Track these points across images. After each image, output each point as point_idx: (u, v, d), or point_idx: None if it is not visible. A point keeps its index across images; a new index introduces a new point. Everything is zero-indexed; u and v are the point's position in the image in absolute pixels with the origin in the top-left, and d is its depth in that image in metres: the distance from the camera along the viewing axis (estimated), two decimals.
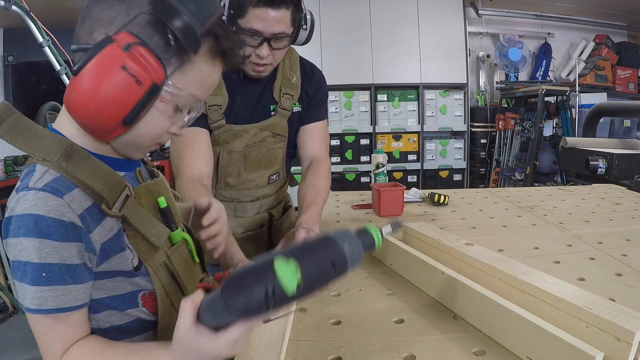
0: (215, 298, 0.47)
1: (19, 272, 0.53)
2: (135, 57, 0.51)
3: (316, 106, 1.33)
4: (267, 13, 1.04)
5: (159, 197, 0.65)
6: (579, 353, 0.51)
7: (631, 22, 4.76)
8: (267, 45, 1.09)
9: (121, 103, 0.52)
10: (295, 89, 1.27)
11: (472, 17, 4.57)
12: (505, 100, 4.54)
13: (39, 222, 0.51)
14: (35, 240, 0.51)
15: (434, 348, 0.64)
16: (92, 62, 0.50)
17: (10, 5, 2.13)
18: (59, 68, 2.35)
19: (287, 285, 0.40)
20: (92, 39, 0.54)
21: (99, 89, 0.51)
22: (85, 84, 0.51)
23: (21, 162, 3.62)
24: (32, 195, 0.52)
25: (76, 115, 0.54)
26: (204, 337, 0.50)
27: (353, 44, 4.14)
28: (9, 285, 2.87)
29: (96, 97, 0.51)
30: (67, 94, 0.53)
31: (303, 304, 0.74)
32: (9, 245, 0.53)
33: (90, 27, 0.55)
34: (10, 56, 3.78)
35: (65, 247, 0.53)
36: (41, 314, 0.53)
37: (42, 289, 0.52)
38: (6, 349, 2.48)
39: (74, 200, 0.54)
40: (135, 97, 0.52)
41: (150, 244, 0.62)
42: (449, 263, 0.83)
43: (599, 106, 3.26)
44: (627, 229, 1.21)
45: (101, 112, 0.52)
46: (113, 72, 0.50)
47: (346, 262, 0.45)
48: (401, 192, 1.44)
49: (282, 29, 1.08)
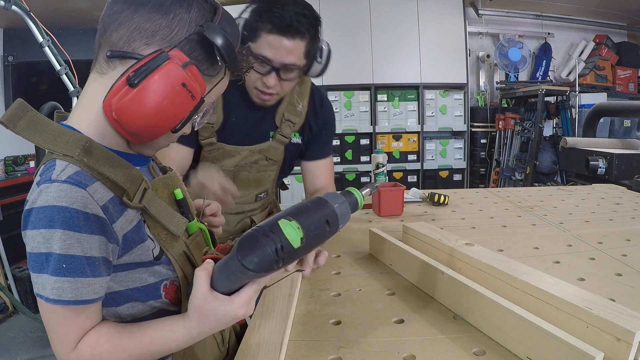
0: (227, 262, 0.52)
1: (37, 263, 0.52)
2: (191, 75, 0.56)
3: (323, 142, 1.29)
4: (280, 41, 0.99)
5: (175, 189, 0.68)
6: (579, 353, 0.51)
7: (631, 22, 4.76)
8: (276, 74, 1.04)
9: (176, 115, 0.57)
10: (298, 116, 1.22)
11: (472, 17, 4.57)
12: (505, 100, 4.54)
13: (62, 213, 0.52)
14: (59, 231, 0.51)
15: (434, 348, 0.64)
16: (153, 77, 0.54)
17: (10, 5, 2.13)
18: (59, 68, 2.34)
19: (293, 241, 0.46)
20: (131, 48, 0.56)
21: (162, 103, 0.54)
22: (147, 97, 0.54)
23: (21, 162, 3.62)
24: (55, 187, 0.52)
25: (127, 123, 0.56)
26: (219, 301, 0.55)
27: (353, 44, 4.14)
28: (9, 285, 2.87)
29: (158, 109, 0.55)
30: (118, 101, 0.55)
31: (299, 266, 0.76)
32: (27, 237, 0.53)
33: (129, 35, 0.56)
34: (10, 56, 3.78)
35: (88, 240, 0.53)
36: (59, 305, 0.53)
37: (62, 280, 0.52)
38: (6, 349, 2.48)
39: (97, 192, 0.55)
40: (188, 110, 0.57)
41: (170, 234, 0.64)
42: (449, 263, 0.84)
43: (599, 106, 3.26)
44: (627, 229, 1.21)
45: (159, 123, 0.56)
46: (175, 89, 0.55)
47: (338, 219, 0.52)
48: (401, 192, 1.44)
49: (293, 60, 1.03)
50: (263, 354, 0.63)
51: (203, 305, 0.55)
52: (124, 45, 0.56)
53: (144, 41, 0.56)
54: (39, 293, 0.53)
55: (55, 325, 0.55)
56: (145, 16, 0.56)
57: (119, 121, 0.56)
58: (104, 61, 0.58)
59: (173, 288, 0.65)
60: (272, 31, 0.98)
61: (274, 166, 1.28)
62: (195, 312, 0.56)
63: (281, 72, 1.04)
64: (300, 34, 1.00)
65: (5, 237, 2.97)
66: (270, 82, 1.05)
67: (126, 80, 0.54)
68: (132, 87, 0.54)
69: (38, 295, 0.53)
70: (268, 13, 0.99)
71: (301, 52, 1.03)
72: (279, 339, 0.66)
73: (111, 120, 0.57)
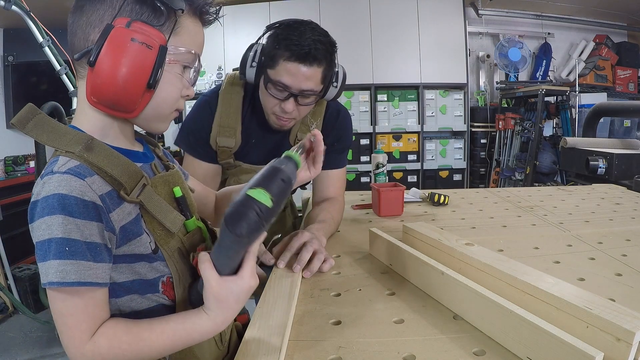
0: (220, 242, 0.57)
1: (41, 251, 0.54)
2: (137, 29, 0.58)
3: (335, 153, 1.28)
4: (298, 69, 1.01)
5: (175, 187, 0.70)
6: (579, 353, 0.51)
7: (631, 22, 4.76)
8: (294, 100, 1.06)
9: (141, 68, 0.59)
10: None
11: (472, 17, 4.57)
12: (505, 100, 4.54)
13: (62, 200, 0.54)
14: (60, 216, 0.54)
15: (434, 348, 0.64)
16: (104, 47, 0.57)
17: (10, 5, 2.13)
18: (59, 68, 2.35)
19: (266, 202, 0.54)
20: (89, 41, 0.60)
21: (119, 63, 0.57)
22: (106, 66, 0.57)
23: (21, 162, 3.63)
24: (56, 177, 0.55)
25: (104, 97, 0.59)
26: (231, 281, 0.59)
27: (353, 44, 4.14)
28: (9, 285, 2.87)
29: (120, 71, 0.57)
30: (90, 85, 0.59)
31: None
32: (34, 228, 0.55)
33: (84, 34, 0.60)
34: (10, 56, 3.78)
35: (87, 225, 0.55)
36: (65, 287, 0.53)
37: (65, 262, 0.53)
38: (6, 349, 2.48)
39: (95, 183, 0.57)
40: (151, 60, 0.59)
41: (166, 230, 0.65)
42: (449, 263, 0.83)
43: (599, 106, 3.26)
44: (627, 229, 1.21)
45: (128, 83, 0.58)
46: (126, 46, 0.57)
47: (290, 177, 0.60)
48: (401, 192, 1.44)
49: (311, 87, 1.04)
50: (263, 354, 0.63)
51: (220, 291, 0.58)
52: (83, 44, 0.60)
53: (97, 30, 0.59)
54: (45, 282, 0.54)
55: (66, 316, 0.54)
56: (89, 11, 0.60)
57: (98, 101, 0.60)
58: (79, 66, 0.63)
59: (169, 284, 0.66)
60: (290, 59, 1.00)
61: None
62: (215, 300, 0.58)
63: (299, 98, 1.06)
64: (317, 61, 1.02)
65: (5, 237, 2.98)
66: (288, 107, 1.07)
67: (88, 65, 0.58)
68: (92, 66, 0.57)
69: (45, 285, 0.54)
70: (286, 41, 1.00)
71: (318, 78, 1.05)
72: (279, 339, 0.66)
73: (98, 107, 0.61)
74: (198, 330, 0.59)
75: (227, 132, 1.20)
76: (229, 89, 1.21)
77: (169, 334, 0.58)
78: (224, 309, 0.59)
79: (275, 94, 1.06)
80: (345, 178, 1.36)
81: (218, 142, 1.20)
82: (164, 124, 0.69)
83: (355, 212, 1.52)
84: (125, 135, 0.68)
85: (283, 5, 4.20)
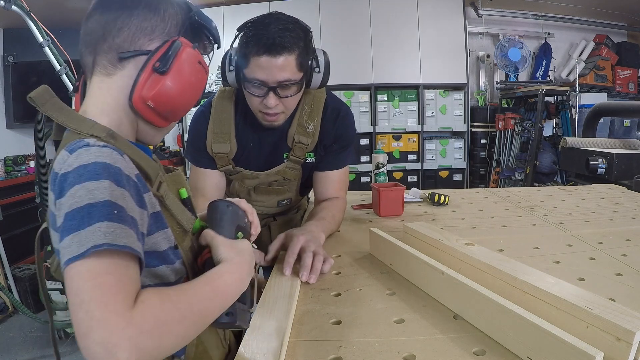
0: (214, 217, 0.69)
1: (76, 220, 0.47)
2: (199, 54, 0.66)
3: (335, 154, 1.26)
4: (269, 62, 0.99)
5: (181, 188, 0.70)
6: (579, 353, 0.51)
7: (631, 22, 4.76)
8: (274, 94, 1.04)
9: (200, 88, 0.67)
10: (310, 137, 1.21)
11: (472, 17, 4.57)
12: (505, 100, 4.54)
13: (107, 168, 0.51)
14: (106, 181, 0.49)
15: (434, 348, 0.64)
16: (179, 60, 0.62)
17: (10, 5, 2.13)
18: (59, 68, 2.34)
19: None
20: (137, 46, 0.63)
21: (190, 80, 0.64)
22: (179, 78, 0.62)
23: (21, 162, 3.62)
24: (95, 149, 0.52)
25: (163, 106, 0.63)
26: (234, 241, 0.66)
27: (353, 44, 4.14)
28: (9, 285, 2.87)
29: (189, 86, 0.64)
30: (150, 89, 0.61)
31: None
32: (67, 197, 0.48)
33: (132, 36, 0.63)
34: (10, 56, 3.77)
35: (129, 199, 0.51)
36: (115, 249, 0.46)
37: (114, 225, 0.47)
38: (6, 349, 2.48)
39: (129, 163, 0.56)
40: (205, 83, 0.68)
41: (182, 229, 0.66)
42: (449, 263, 0.83)
43: (599, 106, 3.26)
44: (627, 229, 1.21)
45: (190, 97, 0.66)
46: (196, 66, 0.65)
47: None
48: (401, 192, 1.44)
49: (287, 76, 1.02)
50: (263, 354, 0.63)
51: (230, 243, 0.64)
52: (129, 45, 0.62)
53: (147, 38, 0.63)
54: (86, 249, 0.45)
55: (104, 275, 0.44)
56: (141, 17, 0.63)
57: (156, 107, 0.63)
58: (109, 64, 0.63)
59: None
60: (259, 53, 0.99)
61: (294, 181, 1.30)
62: (229, 250, 0.62)
63: (278, 90, 1.04)
64: (287, 49, 1.00)
65: (5, 237, 2.98)
66: (270, 102, 1.05)
67: (152, 70, 0.61)
68: (162, 74, 0.61)
69: (87, 251, 0.44)
70: (254, 37, 0.99)
71: (293, 66, 1.02)
72: (279, 339, 0.66)
73: (144, 110, 0.63)
74: (226, 278, 0.58)
75: (221, 138, 1.19)
76: (221, 96, 1.21)
77: (204, 282, 0.56)
78: (234, 256, 0.62)
79: (254, 91, 1.05)
80: (346, 177, 1.34)
81: (213, 148, 1.19)
82: (159, 139, 0.74)
83: (356, 212, 1.52)
84: (133, 136, 0.68)
85: (283, 5, 4.19)
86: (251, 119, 1.18)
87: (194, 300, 0.52)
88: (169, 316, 0.47)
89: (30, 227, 3.34)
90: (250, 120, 1.19)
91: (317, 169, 1.28)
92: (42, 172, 2.29)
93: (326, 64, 1.11)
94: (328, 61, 1.12)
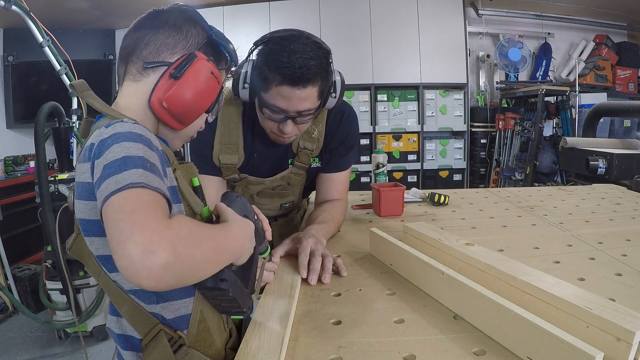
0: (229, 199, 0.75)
1: (114, 167, 0.52)
2: (213, 66, 0.74)
3: (339, 155, 1.26)
4: (292, 92, 0.96)
5: (193, 177, 0.75)
6: (579, 353, 0.51)
7: (631, 22, 4.76)
8: (292, 122, 1.03)
9: (210, 96, 0.75)
10: (315, 142, 1.21)
11: (472, 17, 4.57)
12: (505, 100, 4.54)
13: (140, 137, 0.59)
14: (140, 144, 0.57)
15: (434, 348, 0.64)
16: (190, 70, 0.70)
17: (10, 5, 2.13)
18: (59, 68, 2.35)
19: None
20: (160, 58, 0.72)
21: (201, 86, 0.72)
22: (191, 83, 0.70)
23: (21, 162, 3.63)
24: (129, 123, 0.61)
25: (175, 107, 0.70)
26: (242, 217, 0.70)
27: (353, 44, 4.14)
28: (9, 285, 2.87)
29: (199, 92, 0.72)
30: (162, 93, 0.69)
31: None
32: (107, 153, 0.54)
33: (156, 50, 0.72)
34: (10, 56, 3.77)
35: (157, 162, 0.58)
36: (147, 189, 0.50)
37: (148, 174, 0.53)
38: (6, 349, 2.48)
39: (156, 140, 0.64)
40: (215, 92, 0.76)
41: (191, 211, 0.70)
42: (449, 263, 0.83)
43: (599, 106, 3.26)
44: (627, 229, 1.21)
45: (200, 103, 0.73)
46: (208, 75, 0.73)
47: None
48: (401, 192, 1.44)
49: (307, 107, 1.00)
50: (263, 353, 0.63)
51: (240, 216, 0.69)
52: (154, 57, 0.72)
53: (169, 52, 0.72)
54: (121, 186, 0.49)
55: (143, 196, 0.49)
56: (166, 34, 0.72)
57: (169, 108, 0.70)
58: (137, 72, 0.72)
59: None
60: (282, 83, 0.95)
61: (298, 186, 1.30)
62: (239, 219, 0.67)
63: (297, 118, 1.03)
64: (311, 82, 0.97)
65: (5, 237, 2.98)
66: (287, 129, 1.04)
67: (169, 76, 0.69)
68: (176, 79, 0.69)
69: (122, 188, 0.49)
70: (276, 62, 0.95)
71: (315, 96, 1.00)
72: (279, 339, 0.66)
73: (160, 111, 0.71)
74: (228, 232, 0.63)
75: (230, 149, 1.18)
76: (227, 105, 1.18)
77: (216, 227, 0.63)
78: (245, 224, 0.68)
79: (272, 116, 1.03)
80: (348, 179, 1.34)
81: (221, 159, 1.18)
82: (180, 144, 0.82)
83: (356, 212, 1.52)
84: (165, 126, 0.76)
85: (283, 5, 4.19)
86: (259, 130, 1.16)
87: (212, 231, 0.59)
88: (198, 232, 0.53)
89: (31, 227, 3.34)
90: (258, 132, 1.18)
91: (321, 171, 1.28)
92: (42, 172, 2.29)
93: (342, 87, 1.10)
94: (343, 83, 1.11)
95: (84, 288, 2.41)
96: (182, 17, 0.75)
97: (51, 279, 2.44)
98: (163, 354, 0.64)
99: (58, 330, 2.50)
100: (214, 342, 0.71)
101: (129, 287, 0.64)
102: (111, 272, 0.64)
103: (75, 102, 2.57)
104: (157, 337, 0.64)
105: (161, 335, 0.64)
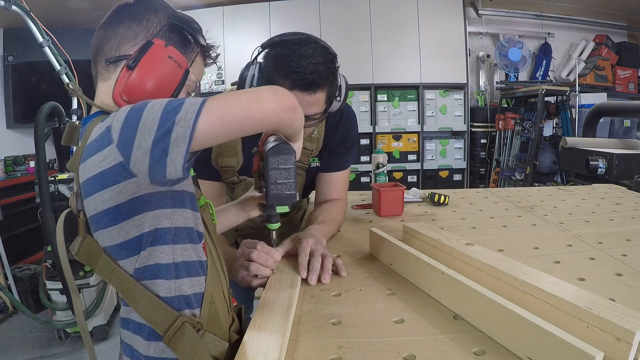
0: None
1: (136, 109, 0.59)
2: (172, 50, 0.71)
3: (338, 155, 1.25)
4: (302, 97, 0.95)
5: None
6: (579, 353, 0.51)
7: (631, 22, 4.76)
8: None
9: (171, 81, 0.71)
10: (315, 142, 1.21)
11: (472, 17, 4.57)
12: (505, 100, 4.54)
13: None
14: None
15: (434, 348, 0.64)
16: (144, 58, 0.68)
17: (10, 5, 2.13)
18: (59, 68, 2.34)
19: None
20: (122, 52, 0.70)
21: (155, 73, 0.69)
22: (143, 72, 0.68)
23: (21, 162, 3.63)
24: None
25: (134, 98, 0.67)
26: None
27: (353, 44, 4.14)
28: (9, 285, 2.87)
29: (157, 78, 0.69)
30: (122, 86, 0.68)
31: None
32: (123, 114, 0.59)
33: (117, 44, 0.71)
34: (10, 56, 3.77)
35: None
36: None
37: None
38: (6, 349, 2.48)
39: None
40: (178, 77, 0.72)
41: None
42: (449, 263, 0.83)
43: (599, 106, 3.26)
44: (627, 229, 1.21)
45: (160, 89, 0.69)
46: (164, 60, 0.70)
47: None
48: (401, 192, 1.44)
49: (315, 111, 1.00)
50: (263, 353, 0.63)
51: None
52: (115, 52, 0.71)
53: (130, 44, 0.71)
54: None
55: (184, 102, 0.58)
56: (126, 27, 0.71)
57: (129, 100, 0.68)
58: (104, 70, 0.72)
59: (205, 248, 0.73)
60: (293, 88, 0.94)
61: (297, 186, 1.29)
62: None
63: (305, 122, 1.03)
64: (321, 87, 0.97)
65: (5, 237, 2.98)
66: None
67: (126, 68, 0.68)
68: (132, 69, 0.67)
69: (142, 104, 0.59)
70: (285, 67, 0.94)
71: (322, 101, 1.01)
72: (279, 339, 0.66)
73: (120, 104, 0.68)
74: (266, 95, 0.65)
75: (229, 152, 1.17)
76: None
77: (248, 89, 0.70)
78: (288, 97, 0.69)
79: None
80: (348, 179, 1.33)
81: (220, 162, 1.18)
82: None
83: (356, 212, 1.52)
84: None
85: (283, 5, 4.19)
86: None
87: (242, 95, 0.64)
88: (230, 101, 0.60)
89: (31, 227, 3.34)
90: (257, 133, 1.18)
91: (320, 171, 1.28)
92: (42, 172, 2.28)
93: (346, 91, 1.10)
94: (347, 86, 1.10)
95: (84, 288, 2.41)
96: (143, 7, 0.73)
97: (51, 279, 2.44)
98: (192, 343, 0.65)
99: (58, 330, 2.50)
100: (222, 325, 0.72)
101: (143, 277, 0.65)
102: (125, 258, 0.65)
103: (75, 102, 2.57)
104: (182, 328, 0.65)
105: (185, 326, 0.65)
